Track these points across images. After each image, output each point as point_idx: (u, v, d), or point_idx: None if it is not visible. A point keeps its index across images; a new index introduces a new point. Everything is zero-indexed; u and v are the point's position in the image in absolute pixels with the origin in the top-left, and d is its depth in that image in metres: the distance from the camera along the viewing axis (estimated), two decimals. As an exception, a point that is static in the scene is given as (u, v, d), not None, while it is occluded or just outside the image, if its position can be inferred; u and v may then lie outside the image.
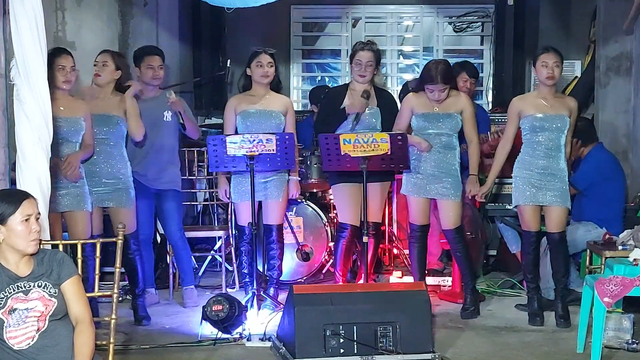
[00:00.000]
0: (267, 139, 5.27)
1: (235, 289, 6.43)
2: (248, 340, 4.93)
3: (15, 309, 3.18)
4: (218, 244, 6.95)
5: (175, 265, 6.36)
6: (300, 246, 6.68)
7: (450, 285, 6.35)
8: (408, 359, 4.36)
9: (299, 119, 7.46)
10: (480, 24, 9.77)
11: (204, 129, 7.95)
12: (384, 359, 4.34)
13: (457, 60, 7.26)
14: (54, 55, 4.89)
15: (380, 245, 6.69)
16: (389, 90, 7.06)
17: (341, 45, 9.83)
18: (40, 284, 3.24)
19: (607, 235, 5.44)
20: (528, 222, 5.42)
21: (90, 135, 5.22)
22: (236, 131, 5.71)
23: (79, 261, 3.51)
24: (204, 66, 9.10)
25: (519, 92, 5.84)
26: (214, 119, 8.02)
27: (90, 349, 3.25)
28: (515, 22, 8.98)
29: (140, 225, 5.75)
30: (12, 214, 3.19)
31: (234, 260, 6.52)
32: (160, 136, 5.91)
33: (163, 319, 5.66)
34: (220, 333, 4.97)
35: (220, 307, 4.90)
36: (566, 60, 7.75)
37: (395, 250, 7.24)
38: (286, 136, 5.36)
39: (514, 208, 5.54)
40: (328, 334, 4.33)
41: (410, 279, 6.09)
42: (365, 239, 5.29)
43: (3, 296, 3.18)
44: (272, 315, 5.21)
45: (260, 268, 5.70)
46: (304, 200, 6.71)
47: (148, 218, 6.06)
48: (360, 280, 5.70)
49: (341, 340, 4.35)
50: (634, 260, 4.56)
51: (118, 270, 3.59)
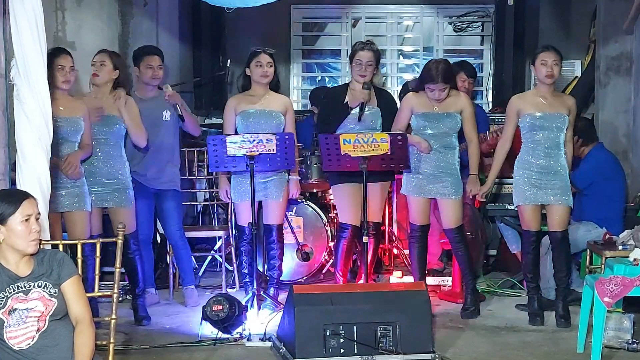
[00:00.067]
0: (267, 139, 5.27)
1: (235, 289, 6.43)
2: (248, 340, 4.93)
3: (15, 309, 3.18)
4: (218, 244, 6.95)
5: (176, 265, 6.37)
6: (300, 246, 6.68)
7: (450, 285, 6.36)
8: (408, 359, 4.36)
9: (299, 118, 7.45)
10: (480, 24, 9.76)
11: (204, 128, 7.96)
12: (384, 359, 4.34)
13: (457, 60, 7.26)
14: (53, 55, 4.89)
15: (380, 245, 6.68)
16: (388, 90, 7.05)
17: (341, 45, 9.82)
18: (40, 284, 3.24)
19: (607, 235, 5.44)
20: (528, 222, 5.42)
21: (88, 135, 5.22)
22: (236, 131, 5.71)
23: (78, 261, 3.51)
24: (204, 66, 9.10)
25: (518, 92, 5.81)
26: (214, 119, 8.02)
27: (90, 349, 3.25)
28: (515, 22, 8.97)
29: (140, 225, 5.75)
30: (12, 214, 3.19)
31: (234, 260, 6.51)
32: (159, 136, 5.91)
33: (163, 319, 5.66)
34: (220, 333, 4.97)
35: (220, 307, 4.90)
36: (566, 60, 7.77)
37: (395, 250, 7.23)
38: (286, 136, 5.36)
39: (515, 208, 5.55)
40: (328, 334, 4.33)
41: (410, 279, 6.10)
42: (365, 239, 5.29)
43: (3, 296, 3.18)
44: (272, 315, 5.21)
45: (260, 268, 5.70)
46: (304, 200, 6.71)
47: (148, 218, 6.06)
48: (360, 280, 5.70)
49: (341, 340, 4.35)
50: (634, 260, 4.56)
51: (118, 270, 3.59)
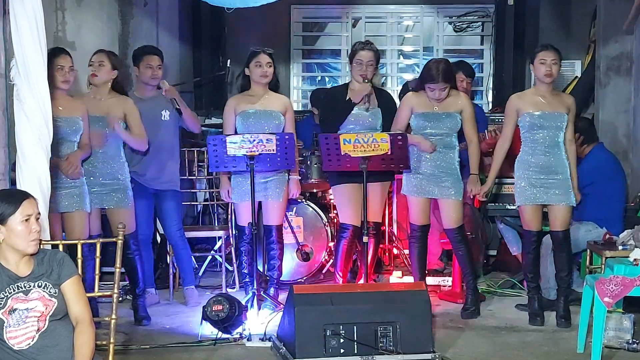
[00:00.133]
0: (267, 139, 5.27)
1: (235, 289, 6.43)
2: (248, 340, 4.93)
3: (15, 309, 3.18)
4: (218, 244, 6.95)
5: (176, 265, 6.37)
6: (300, 246, 6.68)
7: (450, 285, 6.35)
8: (408, 359, 4.36)
9: (299, 118, 7.46)
10: (480, 23, 9.76)
11: (204, 129, 7.96)
12: (384, 359, 4.34)
13: (456, 60, 7.25)
14: (52, 55, 4.88)
15: (380, 245, 6.68)
16: (388, 91, 7.04)
17: (341, 45, 9.82)
18: (40, 284, 3.24)
19: (608, 235, 5.44)
20: (529, 222, 5.42)
21: (87, 134, 5.22)
22: (236, 131, 5.71)
23: (78, 261, 3.51)
24: (204, 66, 9.10)
25: (519, 92, 5.80)
26: (214, 119, 8.01)
27: (90, 349, 3.24)
28: (516, 22, 8.97)
29: (140, 225, 5.75)
30: (12, 214, 3.19)
31: (234, 260, 6.51)
32: (158, 136, 5.91)
33: (163, 319, 5.66)
34: (220, 333, 4.96)
35: (220, 307, 4.90)
36: (566, 60, 7.77)
37: (395, 250, 7.23)
38: (286, 136, 5.36)
39: (517, 208, 5.54)
40: (328, 334, 4.33)
41: (410, 279, 6.10)
42: (365, 239, 5.28)
43: (3, 296, 3.18)
44: (272, 315, 5.21)
45: (260, 268, 5.70)
46: (304, 200, 6.71)
47: (147, 218, 6.06)
48: (360, 280, 5.70)
49: (341, 340, 4.34)
50: (634, 260, 4.56)
51: (118, 270, 3.58)
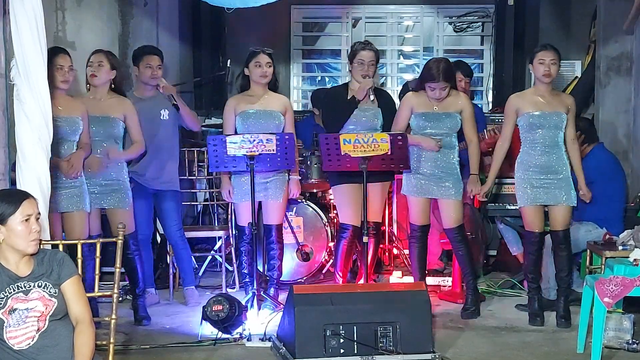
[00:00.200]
0: (267, 139, 5.27)
1: (235, 289, 6.43)
2: (248, 340, 4.93)
3: (15, 309, 3.18)
4: (218, 244, 6.95)
5: (176, 265, 6.37)
6: (300, 246, 6.68)
7: (450, 285, 6.35)
8: (408, 359, 4.36)
9: (298, 118, 7.46)
10: (480, 24, 9.76)
11: (204, 129, 7.96)
12: (384, 359, 4.34)
13: (455, 60, 7.25)
14: (51, 55, 4.86)
15: (380, 245, 6.68)
16: (388, 91, 7.04)
17: (341, 45, 9.82)
18: (40, 284, 3.24)
19: (608, 236, 5.44)
20: (531, 223, 5.41)
21: (87, 134, 5.22)
22: (236, 131, 5.70)
23: (78, 261, 3.51)
24: (204, 66, 9.10)
25: (519, 92, 5.80)
26: (214, 119, 8.02)
27: (90, 349, 3.24)
28: (516, 22, 8.97)
29: (139, 225, 5.74)
30: (12, 214, 3.19)
31: (234, 260, 6.51)
32: (158, 135, 5.91)
33: (163, 319, 5.66)
34: (220, 333, 4.96)
35: (220, 307, 4.90)
36: (566, 60, 7.77)
37: (395, 250, 7.23)
38: (286, 136, 5.36)
39: (518, 208, 5.52)
40: (328, 334, 4.33)
41: (410, 279, 6.09)
42: (365, 239, 5.28)
43: (3, 296, 3.18)
44: (272, 315, 5.21)
45: (260, 268, 5.70)
46: (304, 200, 6.71)
47: (147, 218, 6.06)
48: (361, 280, 5.70)
49: (341, 340, 4.34)
50: (634, 260, 4.56)
51: (118, 270, 3.58)
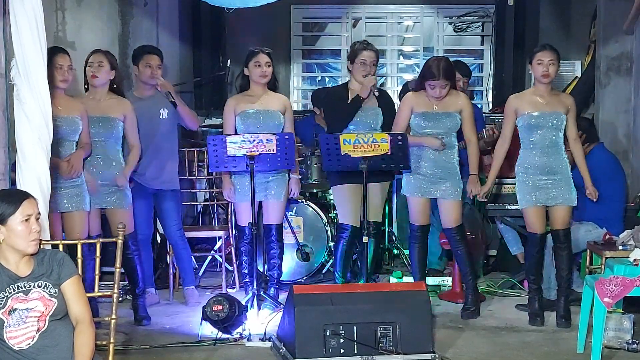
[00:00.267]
0: (267, 139, 5.27)
1: (235, 289, 6.43)
2: (248, 340, 4.93)
3: (15, 309, 3.18)
4: (218, 244, 6.95)
5: (176, 265, 6.37)
6: (300, 246, 6.68)
7: (450, 285, 6.35)
8: (408, 359, 4.36)
9: (299, 118, 7.46)
10: (480, 24, 9.76)
11: (204, 129, 7.97)
12: (384, 359, 4.34)
13: (459, 60, 7.25)
14: (51, 54, 4.85)
15: (380, 245, 6.68)
16: (388, 91, 7.04)
17: (341, 45, 9.81)
18: (40, 284, 3.24)
19: (608, 236, 5.44)
20: (532, 225, 5.39)
21: (87, 134, 5.22)
22: (236, 131, 5.70)
23: (78, 261, 3.51)
24: (204, 66, 9.10)
25: (518, 92, 5.80)
26: (214, 119, 8.02)
27: (90, 349, 3.24)
28: (516, 22, 8.97)
29: (139, 225, 5.74)
30: (12, 214, 3.18)
31: (234, 260, 6.51)
32: (158, 135, 5.90)
33: (163, 319, 5.66)
34: (220, 333, 4.96)
35: (220, 307, 4.90)
36: (566, 60, 7.77)
37: (395, 250, 7.23)
38: (286, 136, 5.36)
39: (520, 209, 5.51)
40: (328, 334, 4.33)
41: (410, 279, 6.09)
42: (365, 239, 5.28)
43: (3, 296, 3.18)
44: (272, 315, 5.20)
45: (260, 268, 5.70)
46: (304, 200, 6.71)
47: (147, 218, 6.05)
48: (361, 280, 5.70)
49: (341, 340, 4.34)
50: (634, 260, 4.55)
51: (118, 270, 3.58)
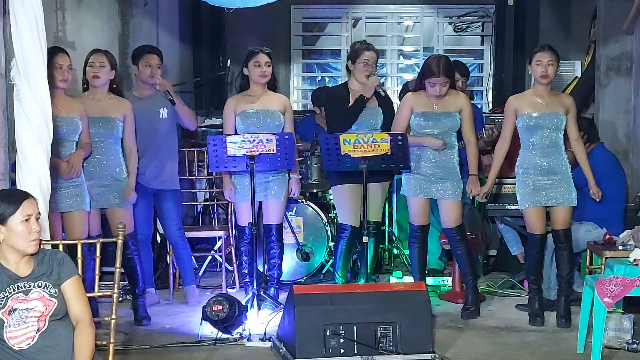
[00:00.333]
0: (267, 139, 5.27)
1: (235, 289, 6.43)
2: (248, 340, 4.93)
3: (15, 309, 3.18)
4: (218, 244, 6.95)
5: (176, 265, 6.37)
6: (300, 246, 6.68)
7: (450, 285, 6.36)
8: (408, 359, 4.36)
9: (299, 118, 7.46)
10: (480, 24, 9.75)
11: (203, 129, 7.97)
12: (384, 359, 4.34)
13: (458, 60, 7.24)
14: (50, 54, 4.85)
15: (380, 245, 6.68)
16: (388, 91, 7.04)
17: (341, 45, 9.81)
18: (40, 284, 3.24)
19: (608, 236, 5.44)
20: (532, 225, 5.39)
21: (86, 134, 5.22)
22: (236, 131, 5.70)
23: (78, 261, 3.51)
24: (204, 66, 9.10)
25: (519, 92, 5.80)
26: (214, 119, 8.02)
27: (90, 349, 3.24)
28: (516, 22, 8.97)
29: (139, 225, 5.74)
30: (13, 214, 3.18)
31: (234, 260, 6.51)
32: (157, 134, 5.90)
33: (163, 319, 5.66)
34: (220, 333, 4.96)
35: (220, 307, 4.90)
36: (566, 60, 7.77)
37: (395, 250, 7.23)
38: (286, 136, 5.36)
39: (520, 210, 5.50)
40: (328, 334, 4.33)
41: (410, 279, 6.09)
42: (365, 239, 5.28)
43: (3, 296, 3.18)
44: (272, 315, 5.20)
45: (260, 268, 5.70)
46: (304, 200, 6.71)
47: (147, 218, 6.05)
48: (361, 280, 5.70)
49: (341, 340, 4.34)
50: (634, 260, 4.55)
51: (118, 270, 3.58)
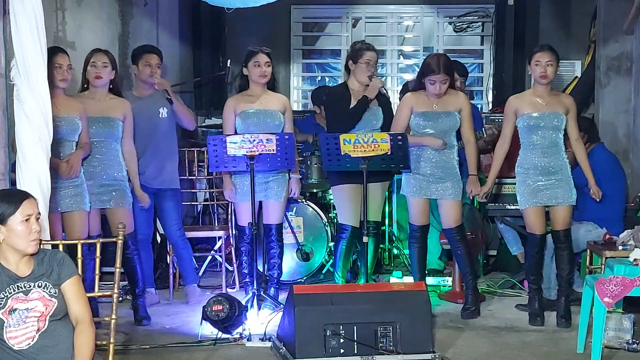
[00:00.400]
0: (267, 139, 5.27)
1: (235, 289, 6.43)
2: (248, 340, 4.93)
3: (15, 309, 3.18)
4: (218, 244, 6.94)
5: (176, 265, 6.37)
6: (300, 246, 6.68)
7: (450, 285, 6.36)
8: (408, 359, 4.36)
9: (299, 118, 7.46)
10: (480, 24, 9.76)
11: (203, 129, 7.97)
12: (384, 359, 4.34)
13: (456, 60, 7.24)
14: (50, 54, 4.84)
15: (380, 245, 6.68)
16: (388, 91, 7.03)
17: (341, 45, 9.80)
18: (40, 284, 3.24)
19: (608, 235, 5.44)
20: (532, 225, 5.39)
21: (86, 134, 5.22)
22: (236, 131, 5.70)
23: (78, 261, 3.51)
24: (204, 66, 9.10)
25: (519, 92, 5.80)
26: (214, 119, 8.02)
27: (90, 349, 3.24)
28: (516, 22, 8.97)
29: (139, 225, 5.74)
30: (13, 214, 3.19)
31: (234, 260, 6.52)
32: (157, 134, 5.90)
33: (163, 319, 5.66)
34: (220, 333, 4.96)
35: (220, 307, 4.90)
36: (566, 60, 7.76)
37: (395, 250, 7.23)
38: (286, 136, 5.36)
39: (520, 210, 5.50)
40: (328, 334, 4.33)
41: (410, 279, 6.09)
42: (365, 239, 5.28)
43: (3, 296, 3.18)
44: (272, 315, 5.20)
45: (261, 268, 5.70)
46: (304, 200, 6.71)
47: (147, 218, 6.05)
48: (361, 280, 5.70)
49: (341, 340, 4.34)
50: (634, 260, 4.55)
51: (118, 270, 3.58)
